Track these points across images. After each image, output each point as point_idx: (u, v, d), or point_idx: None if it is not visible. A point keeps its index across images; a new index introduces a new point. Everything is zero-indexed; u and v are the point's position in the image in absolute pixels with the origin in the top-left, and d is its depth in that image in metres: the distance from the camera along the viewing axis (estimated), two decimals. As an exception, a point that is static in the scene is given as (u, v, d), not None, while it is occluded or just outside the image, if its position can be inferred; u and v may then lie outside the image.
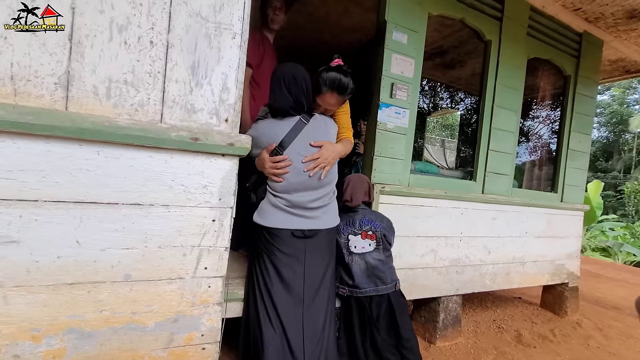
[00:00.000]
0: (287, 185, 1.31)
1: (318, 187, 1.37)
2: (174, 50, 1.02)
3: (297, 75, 1.36)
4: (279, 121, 1.33)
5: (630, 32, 2.90)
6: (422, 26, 2.20)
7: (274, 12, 2.09)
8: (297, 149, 1.30)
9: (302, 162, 1.30)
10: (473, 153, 2.61)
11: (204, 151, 1.06)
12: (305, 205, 1.34)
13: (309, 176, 1.32)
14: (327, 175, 1.39)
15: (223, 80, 1.08)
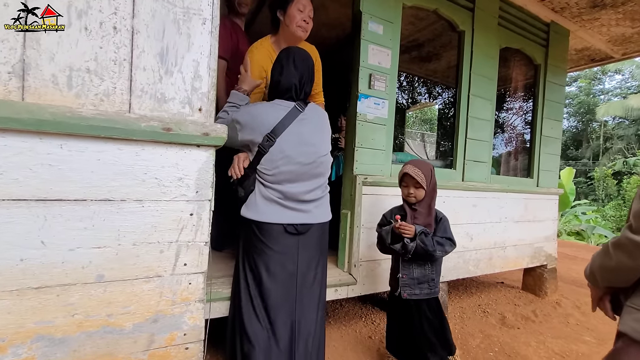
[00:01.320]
0: (279, 176, 1.24)
1: (312, 178, 1.31)
2: (140, 36, 0.97)
3: (306, 57, 1.37)
4: (272, 106, 1.27)
5: (594, 21, 3.03)
6: (397, 17, 2.22)
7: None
8: (291, 137, 1.24)
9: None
10: (452, 145, 2.66)
11: (178, 142, 1.01)
12: (299, 197, 1.28)
13: (305, 165, 1.26)
14: (320, 166, 1.33)
15: (194, 68, 1.04)
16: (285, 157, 1.23)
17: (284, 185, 1.26)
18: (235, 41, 2.00)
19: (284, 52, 1.35)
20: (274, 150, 1.22)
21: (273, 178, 1.24)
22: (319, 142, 1.33)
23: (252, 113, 1.26)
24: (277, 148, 1.22)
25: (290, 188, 1.26)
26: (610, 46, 3.44)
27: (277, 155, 1.22)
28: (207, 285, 1.13)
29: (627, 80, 15.90)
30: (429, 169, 1.60)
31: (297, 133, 1.26)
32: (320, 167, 1.33)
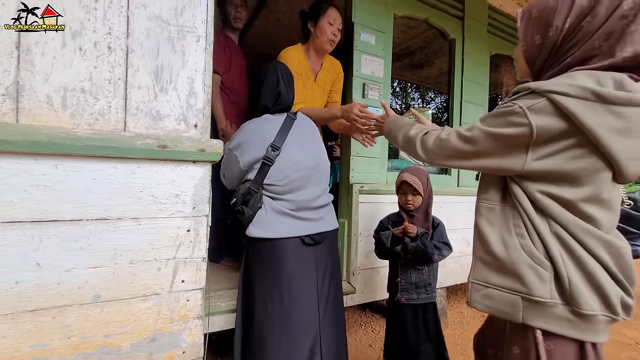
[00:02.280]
0: (290, 184, 1.20)
1: (318, 182, 1.30)
2: (135, 55, 0.97)
3: (289, 71, 1.39)
4: (265, 120, 1.27)
5: (580, 27, 3.09)
6: (389, 27, 2.25)
7: (235, 9, 2.01)
8: (294, 142, 1.24)
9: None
10: None
11: (174, 159, 1.01)
12: (310, 204, 1.25)
13: (311, 169, 1.26)
14: (324, 169, 1.33)
15: (189, 85, 1.05)
16: (295, 164, 1.21)
17: (295, 193, 1.22)
18: (229, 56, 2.02)
19: (270, 68, 1.34)
20: (282, 159, 1.19)
21: (284, 188, 1.20)
22: (317, 146, 1.35)
23: (248, 131, 1.24)
24: (284, 156, 1.20)
25: (301, 195, 1.23)
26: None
27: (286, 162, 1.20)
28: (205, 299, 1.13)
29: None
30: (425, 176, 1.62)
31: (298, 138, 1.26)
32: (324, 171, 1.34)
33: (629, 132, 0.64)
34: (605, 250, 0.71)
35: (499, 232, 0.78)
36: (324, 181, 1.34)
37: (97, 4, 0.92)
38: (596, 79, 0.66)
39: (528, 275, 0.72)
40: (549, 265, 0.71)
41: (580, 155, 0.67)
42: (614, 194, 0.72)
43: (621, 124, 0.64)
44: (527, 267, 0.73)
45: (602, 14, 0.68)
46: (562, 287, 0.70)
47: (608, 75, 0.66)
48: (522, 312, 0.74)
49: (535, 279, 0.72)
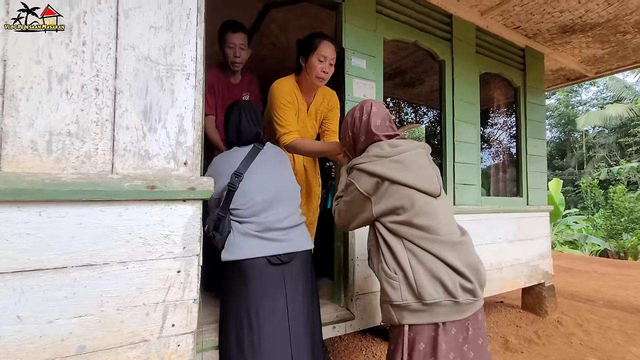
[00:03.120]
0: (254, 207, 1.26)
1: (286, 203, 1.34)
2: (123, 96, 0.97)
3: (252, 107, 1.46)
4: (232, 151, 1.36)
5: (566, 44, 3.18)
6: (379, 51, 2.29)
7: (234, 54, 1.99)
8: (258, 168, 1.32)
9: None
10: (441, 163, 2.69)
11: (163, 198, 0.99)
12: (276, 225, 1.28)
13: (275, 192, 1.31)
14: (292, 192, 1.38)
15: (179, 123, 1.04)
16: (257, 187, 1.28)
17: (260, 216, 1.27)
18: (218, 98, 2.05)
19: (233, 107, 1.44)
20: (245, 184, 1.27)
21: (249, 211, 1.26)
22: (283, 170, 1.40)
23: (216, 164, 1.35)
24: (247, 181, 1.28)
25: (267, 217, 1.27)
26: (583, 66, 3.60)
27: (249, 187, 1.27)
28: (198, 333, 1.08)
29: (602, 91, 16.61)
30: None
31: (263, 165, 1.34)
32: (291, 194, 1.38)
33: (408, 168, 1.02)
34: (443, 248, 0.96)
35: (376, 262, 1.10)
36: (292, 203, 1.38)
37: (85, 47, 0.92)
38: (378, 146, 1.11)
39: (387, 288, 0.99)
40: (398, 276, 0.97)
41: (396, 190, 1.01)
42: (433, 205, 1.02)
43: (401, 166, 1.02)
44: (385, 282, 1.00)
45: (358, 124, 1.18)
46: (412, 289, 0.94)
47: (384, 142, 1.12)
48: (395, 315, 0.98)
49: (390, 289, 0.98)
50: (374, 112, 1.16)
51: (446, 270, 0.94)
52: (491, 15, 2.77)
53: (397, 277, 0.97)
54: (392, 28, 2.35)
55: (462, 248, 0.99)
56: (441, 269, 0.94)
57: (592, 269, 5.60)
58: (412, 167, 1.02)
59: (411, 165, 1.02)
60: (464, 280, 0.95)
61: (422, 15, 2.50)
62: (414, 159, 1.04)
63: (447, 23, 2.65)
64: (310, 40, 1.67)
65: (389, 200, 1.00)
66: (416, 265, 0.95)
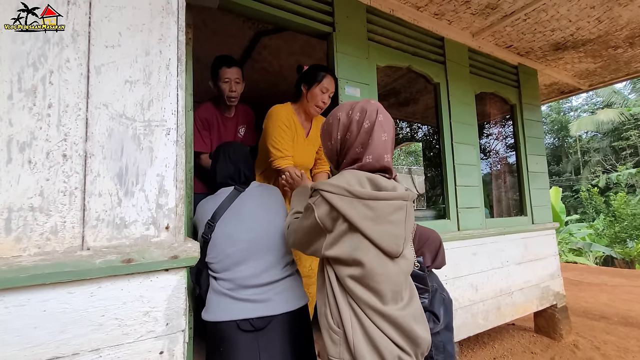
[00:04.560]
0: (226, 260, 1.12)
1: (264, 254, 1.15)
2: (95, 159, 0.87)
3: (239, 148, 1.36)
4: (213, 197, 1.25)
5: (558, 60, 3.17)
6: (373, 78, 2.24)
7: (230, 88, 1.91)
8: (231, 215, 1.18)
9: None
10: (440, 178, 2.60)
11: (142, 271, 0.88)
12: (251, 282, 1.11)
13: (249, 241, 1.15)
14: (271, 238, 1.18)
15: (159, 183, 0.94)
16: (228, 237, 1.14)
17: (232, 270, 1.13)
18: (214, 134, 1.99)
19: (219, 149, 1.36)
20: (216, 234, 1.15)
21: (221, 265, 1.13)
22: (267, 215, 1.23)
23: (197, 211, 1.26)
24: (218, 231, 1.15)
25: (240, 272, 1.12)
26: (576, 80, 3.59)
27: (219, 238, 1.14)
28: None
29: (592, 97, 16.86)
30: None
31: (237, 210, 1.20)
32: (271, 240, 1.18)
33: (378, 219, 0.85)
34: (384, 320, 0.86)
35: (320, 304, 0.95)
36: (272, 253, 1.17)
37: (51, 109, 0.83)
38: (357, 178, 0.87)
39: (327, 339, 0.89)
40: (340, 331, 0.86)
41: (355, 239, 0.85)
42: (387, 267, 0.87)
43: (371, 213, 0.84)
44: (326, 332, 0.90)
45: (355, 130, 0.92)
46: (350, 352, 0.84)
47: (366, 175, 0.88)
48: None
49: (330, 342, 0.88)
50: (379, 121, 0.92)
51: (385, 341, 0.85)
52: (483, 37, 2.76)
53: (339, 333, 0.87)
54: (385, 54, 2.31)
55: (404, 319, 0.88)
56: (382, 340, 0.85)
57: (601, 280, 5.46)
58: (381, 220, 0.86)
59: (381, 218, 0.86)
60: (402, 354, 0.87)
61: (414, 39, 2.47)
62: (388, 212, 0.87)
63: (440, 46, 2.62)
64: (315, 73, 1.72)
65: (343, 247, 0.86)
66: (357, 328, 0.86)
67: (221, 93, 1.93)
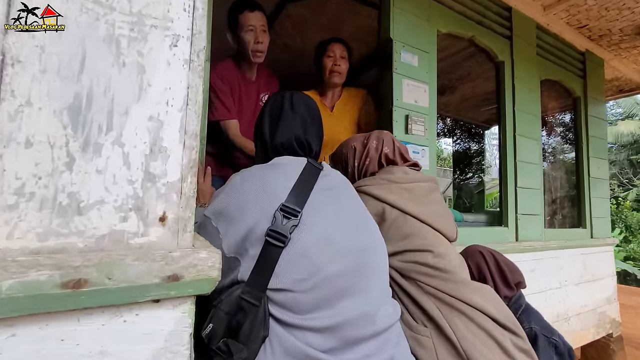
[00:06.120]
0: (325, 287, 0.60)
1: (374, 279, 0.68)
2: (23, 71, 0.42)
3: (307, 101, 0.85)
4: (273, 167, 0.72)
5: (632, 49, 2.71)
6: (433, 45, 1.79)
7: (256, 38, 1.46)
8: (323, 209, 0.66)
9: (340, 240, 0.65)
10: (500, 188, 2.15)
11: (104, 304, 0.44)
12: (364, 330, 0.61)
13: (361, 254, 0.66)
14: (381, 248, 0.74)
15: (152, 134, 0.49)
16: (328, 244, 0.63)
17: (334, 307, 0.60)
18: (236, 99, 1.53)
19: (275, 96, 0.86)
20: (306, 235, 0.61)
21: (312, 297, 0.59)
22: (363, 211, 0.76)
23: (237, 186, 0.67)
24: (309, 230, 0.62)
25: (346, 310, 0.61)
26: (644, 76, 3.13)
27: (313, 241, 0.61)
28: None
29: (613, 107, 16.36)
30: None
31: (334, 199, 0.70)
32: (379, 255, 0.73)
33: (417, 200, 0.87)
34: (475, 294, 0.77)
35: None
36: (382, 278, 0.71)
37: None
38: (390, 171, 0.96)
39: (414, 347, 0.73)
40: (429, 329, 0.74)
41: (406, 221, 0.83)
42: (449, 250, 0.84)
43: (409, 195, 0.87)
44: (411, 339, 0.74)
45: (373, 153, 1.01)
46: (451, 343, 0.70)
47: (394, 167, 0.97)
48: None
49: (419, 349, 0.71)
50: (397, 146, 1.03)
51: (492, 324, 0.71)
52: (555, 11, 2.30)
53: (427, 332, 0.72)
54: (447, 18, 1.86)
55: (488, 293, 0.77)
56: (487, 322, 0.71)
57: (635, 302, 5.01)
58: (420, 201, 0.86)
59: (419, 199, 0.86)
60: (515, 337, 0.73)
61: (479, 5, 2.01)
62: (424, 193, 0.89)
63: (507, 17, 2.16)
64: (319, 47, 1.72)
65: (398, 232, 0.82)
66: (449, 315, 0.71)
67: (243, 47, 1.48)
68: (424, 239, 0.81)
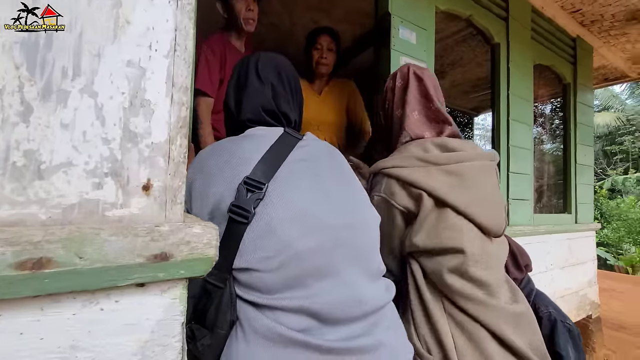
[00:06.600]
0: (292, 263, 0.53)
1: (361, 259, 0.60)
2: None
3: (280, 63, 0.74)
4: (245, 138, 0.64)
5: (621, 37, 2.73)
6: (431, 22, 1.72)
7: (247, 6, 1.38)
8: (296, 179, 0.59)
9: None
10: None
11: (75, 289, 0.35)
12: (348, 311, 0.55)
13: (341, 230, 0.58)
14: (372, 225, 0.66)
15: (133, 83, 0.40)
16: (303, 218, 0.55)
17: (308, 288, 0.53)
18: (224, 71, 1.40)
19: (240, 62, 0.76)
20: (272, 208, 0.54)
21: (281, 276, 0.53)
22: (350, 186, 0.66)
23: (204, 159, 0.62)
24: (277, 201, 0.55)
25: (323, 293, 0.54)
26: (629, 65, 3.19)
27: (282, 214, 0.54)
28: None
29: (589, 99, 16.90)
30: None
31: (312, 170, 0.62)
32: (369, 233, 0.65)
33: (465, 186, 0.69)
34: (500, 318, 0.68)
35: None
36: (371, 258, 0.64)
37: None
38: (420, 146, 0.76)
39: None
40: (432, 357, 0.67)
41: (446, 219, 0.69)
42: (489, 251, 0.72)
43: (455, 180, 0.70)
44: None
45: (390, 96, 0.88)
46: None
47: (430, 141, 0.76)
48: None
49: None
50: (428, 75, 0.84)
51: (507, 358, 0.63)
52: (550, -7, 2.26)
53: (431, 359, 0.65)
54: (446, -5, 1.79)
55: (524, 321, 0.67)
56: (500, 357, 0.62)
57: (608, 285, 5.27)
58: (472, 186, 0.70)
59: (471, 184, 0.70)
60: None
61: (477, -17, 1.95)
62: (477, 175, 0.71)
63: (504, -2, 2.11)
64: (308, 38, 1.72)
65: (432, 232, 0.69)
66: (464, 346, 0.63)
67: (234, 15, 1.38)
68: (457, 237, 0.67)
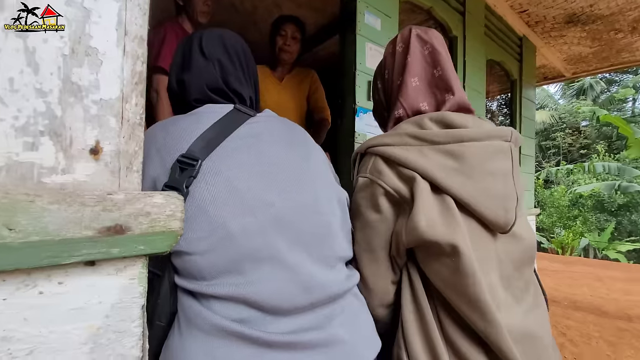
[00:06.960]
0: (225, 246, 0.48)
1: (313, 242, 0.55)
2: None
3: (229, 35, 0.68)
4: (191, 116, 0.58)
5: (559, 38, 3.00)
6: (395, 10, 1.74)
7: (204, 1, 1.40)
8: (245, 153, 0.54)
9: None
10: None
11: (4, 269, 0.29)
12: (294, 300, 0.50)
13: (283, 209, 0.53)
14: (329, 206, 0.60)
15: (74, 26, 0.33)
16: (235, 194, 0.50)
17: (244, 274, 0.49)
18: None
19: (184, 40, 0.70)
20: (205, 187, 0.50)
21: (212, 258, 0.48)
22: (308, 165, 0.60)
23: (147, 137, 0.51)
24: (209, 180, 0.50)
25: (264, 278, 0.49)
26: (565, 65, 3.53)
27: (213, 195, 0.50)
28: None
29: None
30: None
31: (254, 147, 0.56)
32: (325, 214, 0.58)
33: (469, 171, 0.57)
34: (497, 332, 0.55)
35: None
36: (327, 240, 0.58)
37: None
38: (415, 122, 0.65)
39: None
40: None
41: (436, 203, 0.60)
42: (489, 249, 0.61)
43: (456, 163, 0.58)
44: None
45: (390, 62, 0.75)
46: None
47: (427, 116, 0.64)
48: None
49: None
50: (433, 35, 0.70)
51: None
52: (501, -7, 2.41)
53: None
54: (409, -16, 1.82)
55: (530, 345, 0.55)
56: None
57: (541, 265, 5.90)
58: (475, 171, 0.57)
59: (474, 168, 0.57)
60: None
61: (438, -23, 2.01)
62: (482, 158, 0.57)
63: (461, -7, 2.21)
64: (272, 26, 1.72)
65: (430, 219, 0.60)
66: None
67: (190, 6, 1.37)
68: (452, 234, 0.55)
